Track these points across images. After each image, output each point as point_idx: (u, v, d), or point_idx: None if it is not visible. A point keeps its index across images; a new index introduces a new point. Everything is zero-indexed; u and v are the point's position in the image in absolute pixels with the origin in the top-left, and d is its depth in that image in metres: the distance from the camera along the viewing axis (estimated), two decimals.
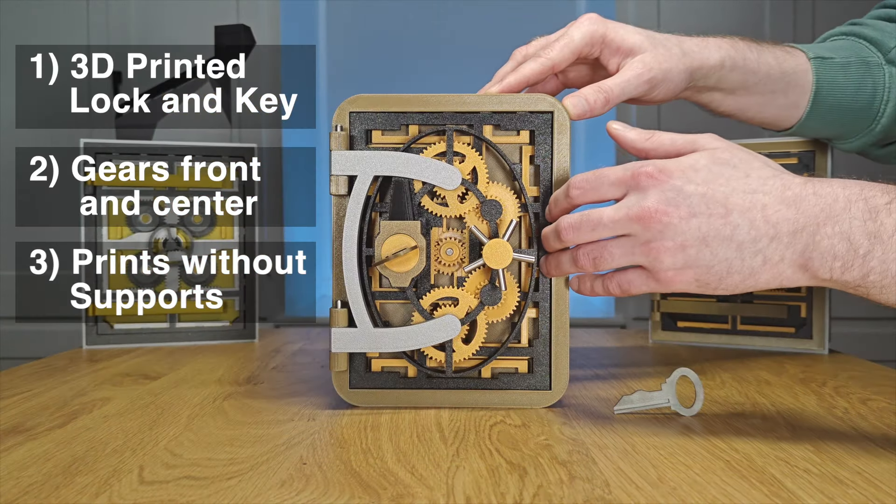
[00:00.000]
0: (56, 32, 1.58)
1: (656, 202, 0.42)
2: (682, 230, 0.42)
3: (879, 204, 0.39)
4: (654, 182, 0.43)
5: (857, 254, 0.39)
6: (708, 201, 0.42)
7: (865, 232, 0.39)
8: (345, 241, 0.52)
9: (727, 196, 0.42)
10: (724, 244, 0.42)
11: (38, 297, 1.60)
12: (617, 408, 0.51)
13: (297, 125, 1.70)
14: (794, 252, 0.41)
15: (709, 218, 0.42)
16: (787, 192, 0.41)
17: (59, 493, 0.36)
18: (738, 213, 0.41)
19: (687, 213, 0.42)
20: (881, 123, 0.63)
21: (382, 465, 0.41)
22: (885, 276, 0.39)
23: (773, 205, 0.41)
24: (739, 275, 0.42)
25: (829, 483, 0.37)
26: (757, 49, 0.59)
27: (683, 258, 0.42)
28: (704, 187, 0.42)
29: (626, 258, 0.45)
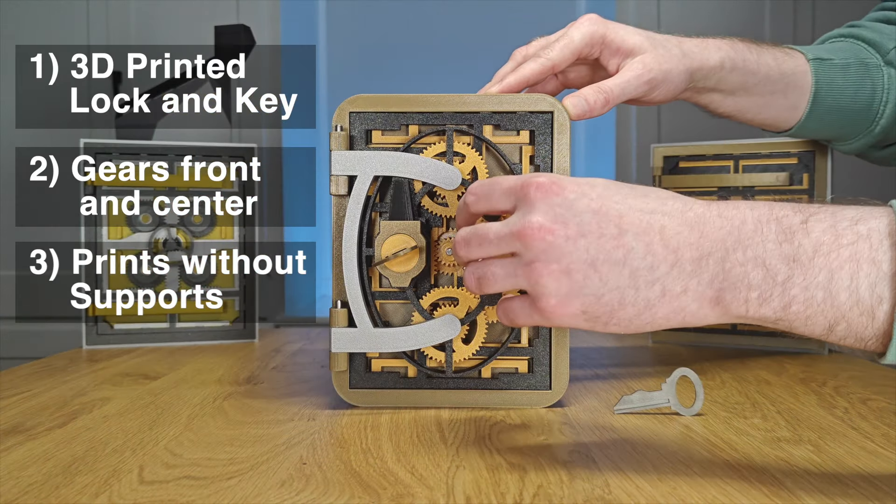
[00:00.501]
0: (56, 32, 1.58)
1: (542, 218, 0.37)
2: (567, 251, 0.36)
3: (794, 223, 0.34)
4: (544, 195, 0.38)
5: (775, 281, 0.34)
6: (600, 220, 0.37)
7: (782, 256, 0.34)
8: (345, 241, 0.52)
9: (621, 215, 0.36)
10: (616, 270, 0.36)
11: (38, 297, 1.60)
12: (617, 408, 0.51)
13: (297, 125, 1.70)
14: (700, 282, 0.35)
15: (599, 238, 0.36)
16: (688, 213, 0.36)
17: (59, 493, 0.36)
18: (633, 235, 0.36)
19: (575, 231, 0.37)
20: (880, 125, 0.63)
21: (382, 465, 0.41)
22: (809, 306, 0.33)
23: (674, 227, 0.36)
24: (633, 307, 0.36)
25: (829, 483, 0.37)
26: (756, 50, 0.59)
27: (568, 284, 0.37)
28: (598, 203, 0.37)
29: (509, 280, 0.39)
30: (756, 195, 0.75)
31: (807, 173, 0.73)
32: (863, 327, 0.33)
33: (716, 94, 0.60)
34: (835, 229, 0.34)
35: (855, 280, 0.33)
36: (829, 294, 0.33)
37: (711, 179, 0.77)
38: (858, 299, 0.33)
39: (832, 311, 0.33)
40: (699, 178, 0.78)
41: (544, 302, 0.38)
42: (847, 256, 0.33)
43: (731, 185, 0.76)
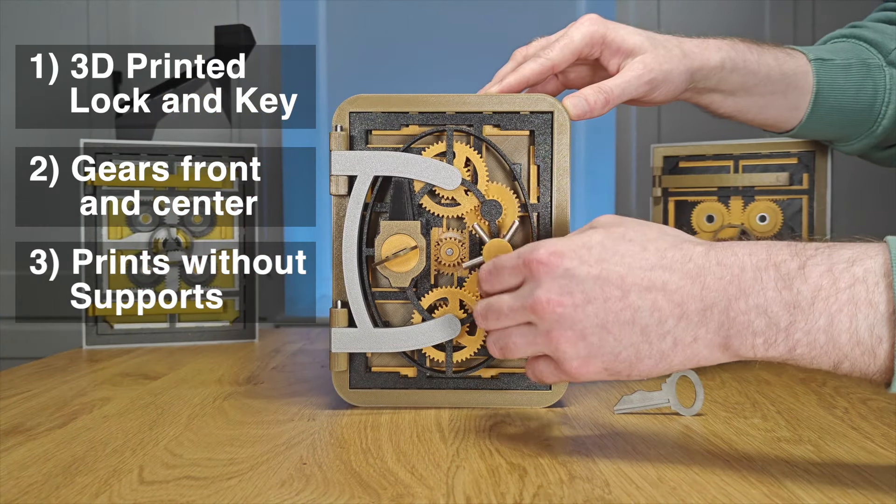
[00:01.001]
0: (56, 32, 1.58)
1: (548, 292, 0.39)
2: (578, 318, 0.39)
3: (792, 269, 0.35)
4: (545, 269, 0.40)
5: (778, 328, 0.35)
6: (603, 284, 0.38)
7: (783, 303, 0.35)
8: (345, 241, 0.52)
9: (622, 277, 0.38)
10: (627, 329, 0.38)
11: (38, 297, 1.60)
12: (617, 408, 0.51)
13: (297, 125, 1.70)
14: (707, 331, 0.37)
15: (605, 302, 0.38)
16: (688, 264, 0.38)
17: (59, 493, 0.36)
18: (637, 294, 0.38)
19: (582, 299, 0.39)
20: (882, 125, 0.63)
21: (382, 465, 0.41)
22: (812, 348, 0.35)
23: (676, 281, 0.37)
24: (650, 359, 0.38)
25: (829, 483, 0.37)
26: (757, 50, 0.59)
27: (586, 347, 0.39)
28: (598, 268, 0.39)
29: (530, 347, 0.42)
30: (756, 195, 0.75)
31: (807, 173, 0.73)
32: (865, 365, 0.34)
33: (716, 95, 0.59)
34: (832, 273, 0.35)
35: (854, 322, 0.34)
36: (831, 337, 0.34)
37: (711, 179, 0.77)
38: (859, 340, 0.34)
39: (835, 352, 0.35)
40: (699, 178, 0.78)
41: (567, 365, 0.40)
42: (845, 300, 0.34)
43: (731, 185, 0.76)
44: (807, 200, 0.73)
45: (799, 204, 0.73)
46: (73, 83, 1.60)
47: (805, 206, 0.73)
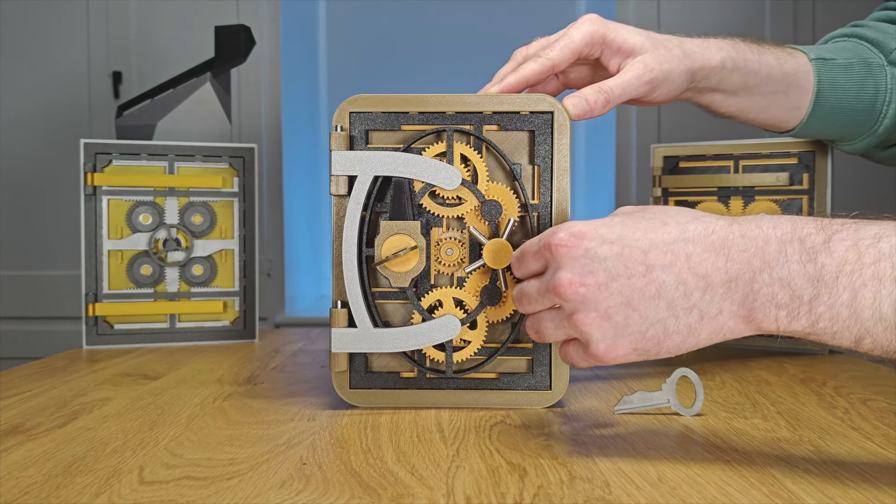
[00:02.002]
0: (56, 32, 1.58)
1: (570, 273, 0.39)
2: (602, 298, 0.38)
3: (817, 243, 0.35)
4: (566, 250, 0.40)
5: (801, 301, 0.35)
6: (626, 261, 0.38)
7: (806, 276, 0.35)
8: (345, 241, 0.52)
9: (646, 251, 0.38)
10: (653, 304, 0.38)
11: (38, 297, 1.60)
12: (617, 408, 0.51)
13: (298, 125, 1.70)
14: (732, 303, 0.37)
15: (629, 279, 0.38)
16: (711, 236, 0.38)
17: (59, 493, 0.36)
18: (661, 269, 0.38)
19: (605, 278, 0.38)
20: (883, 125, 0.63)
21: (382, 465, 0.41)
22: (835, 322, 0.35)
23: (699, 253, 0.37)
24: (678, 335, 0.38)
25: (829, 483, 0.37)
26: (758, 50, 0.59)
27: (612, 328, 0.39)
28: (619, 246, 0.39)
29: (560, 331, 0.42)
30: (756, 195, 0.75)
31: (807, 173, 0.73)
32: (888, 342, 0.34)
33: (717, 95, 0.59)
34: (857, 248, 0.34)
35: (878, 298, 0.34)
36: (854, 312, 0.34)
37: (711, 179, 0.77)
38: (882, 316, 0.34)
39: (857, 327, 0.34)
40: (699, 178, 0.78)
41: (594, 348, 0.39)
42: (870, 275, 0.34)
43: (731, 185, 0.76)
44: (807, 200, 0.73)
45: (799, 204, 0.73)
46: (73, 83, 1.60)
47: (805, 206, 0.73)
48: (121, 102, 1.32)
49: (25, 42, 1.59)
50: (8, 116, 1.60)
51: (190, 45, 1.54)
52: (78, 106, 1.58)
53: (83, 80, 1.57)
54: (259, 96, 1.58)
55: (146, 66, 1.56)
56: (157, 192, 0.82)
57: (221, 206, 0.84)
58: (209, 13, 1.56)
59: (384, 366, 0.54)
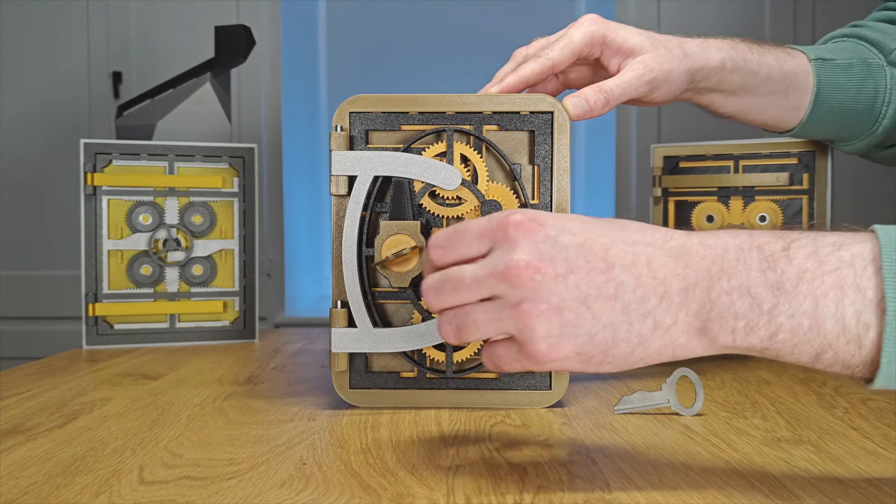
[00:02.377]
0: (56, 32, 1.58)
1: (528, 255, 0.35)
2: (556, 290, 0.34)
3: (776, 250, 0.34)
4: (525, 232, 0.35)
5: (761, 310, 0.33)
6: (587, 254, 0.35)
7: (766, 284, 0.33)
8: (345, 241, 0.52)
9: (607, 248, 0.35)
10: (608, 305, 0.35)
11: (38, 297, 1.60)
12: (617, 408, 0.51)
13: (298, 125, 1.70)
14: (688, 313, 0.34)
15: (588, 274, 0.35)
16: (670, 242, 0.36)
17: (59, 493, 0.36)
18: (622, 268, 0.35)
19: (564, 268, 0.35)
20: (883, 125, 0.63)
21: (382, 465, 0.41)
22: (796, 334, 0.33)
23: (659, 257, 0.35)
24: (627, 344, 0.35)
25: (829, 483, 0.37)
26: (758, 50, 0.59)
27: (560, 324, 0.35)
28: (582, 237, 0.35)
29: (493, 326, 0.36)
30: (756, 195, 0.75)
31: (807, 173, 0.73)
32: (850, 355, 0.33)
33: (717, 95, 0.59)
34: (817, 255, 0.33)
35: (840, 308, 0.32)
36: (816, 322, 0.33)
37: (711, 179, 0.77)
38: (845, 327, 0.32)
39: (819, 339, 0.33)
40: (699, 178, 0.78)
41: (534, 346, 0.35)
42: (831, 283, 0.32)
43: (731, 185, 0.76)
44: (807, 200, 0.73)
45: (799, 204, 0.73)
46: (73, 83, 1.60)
47: (805, 206, 0.73)
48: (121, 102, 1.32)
49: (25, 42, 1.59)
50: (8, 116, 1.60)
51: (190, 45, 1.54)
52: (78, 106, 1.58)
53: (83, 80, 1.57)
54: (259, 96, 1.58)
55: (146, 66, 1.56)
56: (157, 192, 0.82)
57: (221, 206, 0.84)
58: (209, 13, 1.56)
59: (384, 366, 0.54)
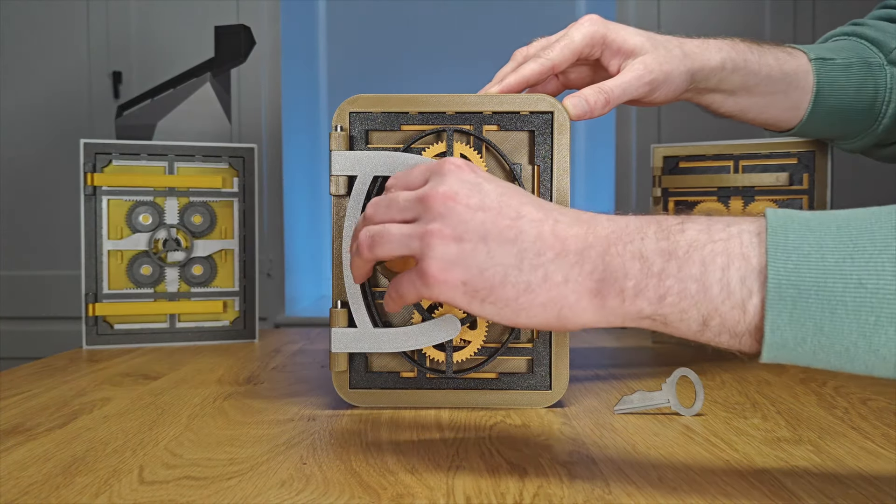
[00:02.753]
0: (56, 32, 1.58)
1: (449, 187, 0.39)
2: (464, 219, 0.38)
3: (671, 225, 0.36)
4: (458, 171, 0.40)
5: (651, 272, 0.35)
6: (502, 202, 0.39)
7: (659, 250, 0.35)
8: (345, 241, 0.52)
9: (523, 204, 0.39)
10: (505, 247, 0.37)
11: (38, 297, 1.60)
12: (617, 408, 0.51)
13: (298, 125, 1.70)
14: (580, 273, 0.36)
15: (497, 216, 0.38)
16: (582, 214, 0.39)
17: (59, 493, 0.36)
18: (529, 221, 0.38)
19: (477, 203, 0.38)
20: (883, 124, 0.63)
21: (382, 465, 0.41)
22: (683, 298, 0.34)
23: (567, 221, 0.38)
24: (514, 288, 0.37)
25: (829, 483, 0.37)
26: (758, 50, 0.59)
27: (456, 251, 0.37)
28: (504, 189, 0.39)
29: (401, 242, 0.39)
30: (756, 195, 0.75)
31: (807, 173, 0.73)
32: (735, 322, 0.34)
33: (717, 95, 0.60)
34: (709, 229, 0.35)
35: (726, 273, 0.34)
36: (703, 286, 0.34)
37: (711, 179, 0.77)
38: (730, 292, 0.34)
39: (706, 303, 0.34)
40: (699, 178, 0.78)
41: (427, 265, 0.38)
42: (719, 251, 0.34)
43: (731, 185, 0.76)
44: (807, 200, 0.73)
45: (799, 204, 0.73)
46: (73, 83, 1.60)
47: (805, 206, 0.73)
48: (121, 102, 1.32)
49: (25, 42, 1.59)
50: (8, 116, 1.60)
51: (190, 45, 1.54)
52: (78, 106, 1.58)
53: (83, 80, 1.57)
54: (259, 96, 1.58)
55: (146, 66, 1.56)
56: (156, 192, 0.82)
57: (221, 206, 0.84)
58: (209, 13, 1.56)
59: (384, 366, 0.54)
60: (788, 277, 0.32)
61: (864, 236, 0.32)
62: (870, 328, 0.31)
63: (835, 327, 0.32)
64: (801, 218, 0.34)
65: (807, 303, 0.32)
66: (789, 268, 0.32)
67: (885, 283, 0.31)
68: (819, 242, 0.33)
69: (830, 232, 0.33)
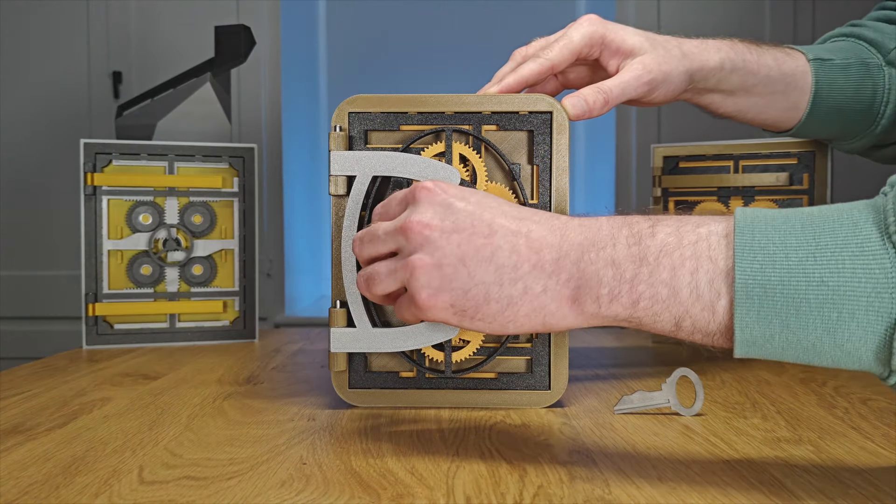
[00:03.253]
0: (56, 32, 1.58)
1: (423, 215, 0.40)
2: (440, 245, 0.39)
3: (642, 229, 0.37)
4: (429, 195, 0.41)
5: (623, 279, 0.36)
6: (475, 220, 0.39)
7: (630, 257, 0.36)
8: (344, 241, 0.52)
9: (494, 217, 0.40)
10: (483, 266, 0.39)
11: (38, 297, 1.60)
12: (617, 408, 0.51)
13: (298, 125, 1.70)
14: (557, 281, 0.38)
15: (471, 236, 0.39)
16: (554, 221, 0.40)
17: (59, 493, 0.36)
18: (502, 236, 0.39)
19: (450, 227, 0.39)
20: (881, 124, 0.63)
21: (382, 465, 0.41)
22: (655, 302, 0.36)
23: (539, 231, 0.39)
24: (497, 303, 0.39)
25: (829, 483, 0.37)
26: (756, 51, 0.59)
27: (439, 278, 0.39)
28: (475, 206, 0.40)
29: (391, 278, 0.42)
30: (756, 195, 0.75)
31: (807, 173, 0.73)
32: (706, 322, 0.35)
33: (716, 95, 0.60)
34: (678, 233, 0.36)
35: (695, 276, 0.35)
36: (673, 290, 0.35)
37: (711, 179, 0.77)
38: (699, 295, 0.35)
39: (676, 306, 0.35)
40: (699, 178, 0.78)
41: (416, 293, 0.40)
42: (689, 255, 0.35)
43: (731, 185, 0.76)
44: (807, 200, 0.73)
45: (799, 204, 0.73)
46: (73, 83, 1.60)
47: (805, 207, 0.73)
48: (121, 102, 1.32)
49: (25, 42, 1.59)
50: (8, 116, 1.60)
51: (190, 45, 1.54)
52: (78, 106, 1.58)
53: (83, 80, 1.57)
54: (259, 96, 1.58)
55: (146, 66, 1.56)
56: (157, 192, 0.82)
57: (221, 206, 0.84)
58: (209, 13, 1.56)
59: (383, 366, 0.54)
60: (755, 277, 0.33)
61: (826, 234, 0.33)
62: (832, 324, 0.32)
63: (800, 324, 0.33)
64: (767, 217, 0.35)
65: (772, 301, 0.33)
66: (755, 268, 0.33)
67: (845, 280, 0.32)
68: (784, 242, 0.34)
69: (795, 231, 0.34)
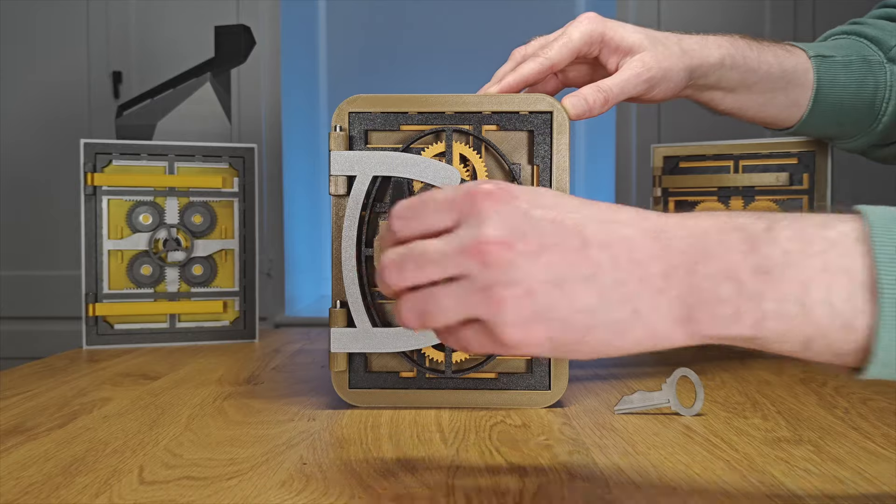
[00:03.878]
0: (56, 32, 1.58)
1: (497, 230, 0.31)
2: (527, 270, 0.31)
3: (758, 231, 0.31)
4: (494, 204, 0.32)
5: (747, 296, 0.30)
6: (560, 230, 0.32)
7: (750, 267, 0.30)
8: (344, 241, 0.52)
9: (581, 225, 0.32)
10: (584, 288, 0.31)
11: (38, 297, 1.60)
12: (617, 408, 0.51)
13: (298, 125, 1.70)
14: (669, 301, 0.31)
15: (563, 253, 0.31)
16: (644, 222, 0.32)
17: (59, 493, 0.36)
18: (598, 248, 0.31)
19: (536, 246, 0.31)
20: (882, 122, 0.63)
21: (382, 465, 0.41)
22: (783, 321, 0.30)
23: (636, 237, 0.32)
24: (604, 331, 0.31)
25: (829, 483, 0.37)
26: (757, 47, 0.59)
27: (531, 308, 0.31)
28: (555, 212, 0.32)
29: (461, 310, 0.32)
30: (756, 195, 0.75)
31: (807, 173, 0.73)
32: (841, 342, 0.30)
33: (716, 92, 0.59)
34: (802, 236, 0.30)
35: (830, 292, 0.30)
36: (804, 308, 0.30)
37: (711, 179, 0.77)
38: (835, 312, 0.30)
39: (808, 326, 0.30)
40: (699, 178, 0.78)
41: (503, 331, 0.32)
42: (819, 266, 0.30)
43: (731, 185, 0.76)
44: (807, 200, 0.73)
45: (799, 204, 0.73)
46: (73, 83, 1.60)
47: (805, 206, 0.73)
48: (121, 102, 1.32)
49: (25, 42, 1.59)
50: (8, 116, 1.60)
51: (190, 45, 1.54)
52: (78, 106, 1.58)
53: (83, 80, 1.57)
54: (259, 96, 1.58)
55: (146, 66, 1.56)
56: (157, 192, 0.82)
57: (221, 206, 0.84)
58: (209, 13, 1.56)
59: (384, 366, 0.54)
60: None
61: None
62: None
63: None
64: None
65: None
66: None
67: None
68: None
69: None
